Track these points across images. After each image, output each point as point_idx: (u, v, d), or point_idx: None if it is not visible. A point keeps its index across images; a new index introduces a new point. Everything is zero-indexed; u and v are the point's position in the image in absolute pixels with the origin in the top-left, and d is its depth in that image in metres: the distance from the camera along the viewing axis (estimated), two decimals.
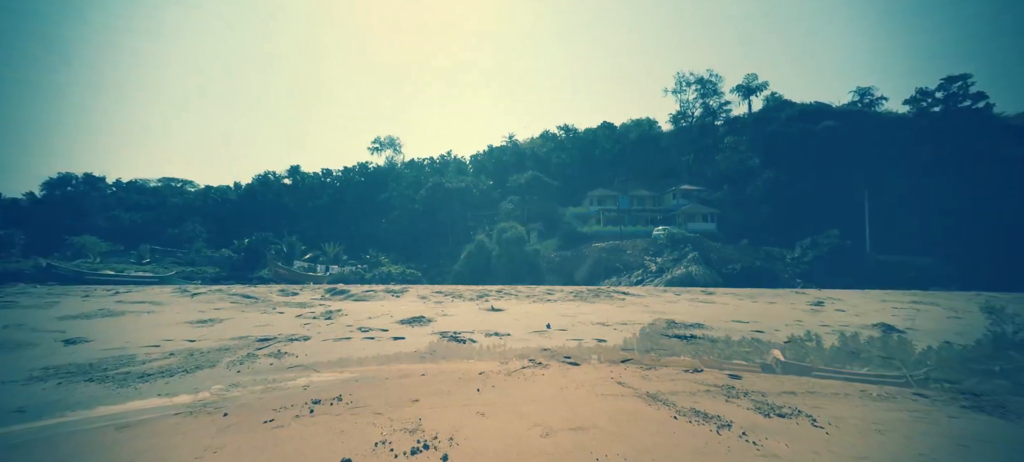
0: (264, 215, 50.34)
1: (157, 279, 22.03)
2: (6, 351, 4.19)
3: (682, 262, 25.45)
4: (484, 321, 6.40)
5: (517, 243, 29.35)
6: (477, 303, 8.53)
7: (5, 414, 2.69)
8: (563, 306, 8.37)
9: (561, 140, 57.09)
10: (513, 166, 50.26)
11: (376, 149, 64.34)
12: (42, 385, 3.25)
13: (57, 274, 19.91)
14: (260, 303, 7.88)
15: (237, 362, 3.90)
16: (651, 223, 40.34)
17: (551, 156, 52.82)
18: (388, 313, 6.90)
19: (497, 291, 10.85)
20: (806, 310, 8.47)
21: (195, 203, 54.70)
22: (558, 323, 6.29)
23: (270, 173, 58.88)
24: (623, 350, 4.79)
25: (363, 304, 8.17)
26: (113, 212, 49.66)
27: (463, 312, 7.24)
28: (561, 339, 5.23)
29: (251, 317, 6.28)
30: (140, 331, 5.21)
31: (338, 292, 10.24)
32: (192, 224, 45.97)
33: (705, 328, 6.18)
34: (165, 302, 7.60)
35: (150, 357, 4.03)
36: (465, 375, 3.73)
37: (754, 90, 52.82)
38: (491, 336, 5.25)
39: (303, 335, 5.11)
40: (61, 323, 5.55)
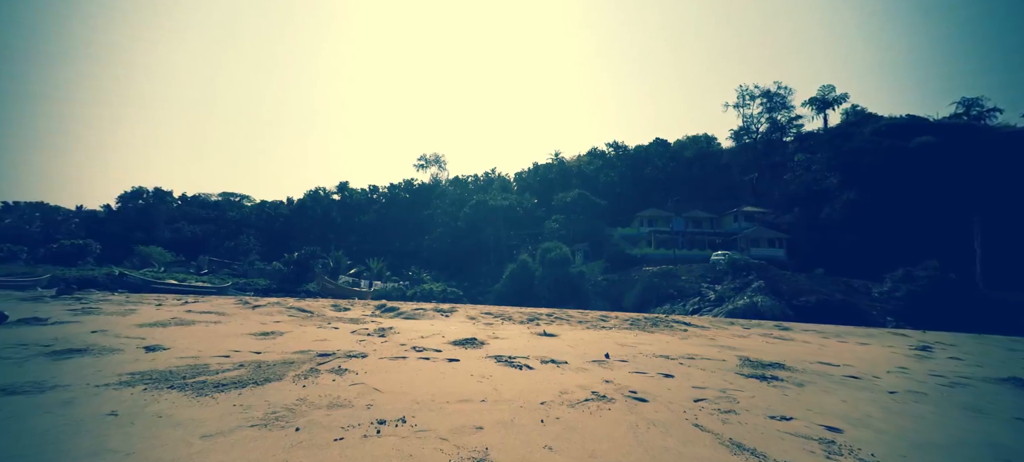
0: (313, 230, 54.04)
1: (215, 290, 24.07)
2: (96, 355, 4.70)
3: (745, 292, 23.86)
4: (537, 346, 6.32)
5: (561, 264, 29.05)
6: (527, 327, 8.47)
7: (101, 418, 2.98)
8: (619, 335, 8.09)
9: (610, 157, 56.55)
10: (558, 184, 50.35)
11: (421, 166, 67.24)
12: (130, 389, 3.58)
13: (127, 282, 22.37)
14: (315, 318, 8.34)
15: (302, 376, 4.10)
16: (709, 247, 38.41)
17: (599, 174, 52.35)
18: (439, 333, 7.02)
19: (547, 314, 10.72)
20: (909, 355, 7.55)
21: (250, 217, 59.84)
22: (617, 353, 6.07)
23: (320, 189, 63.39)
24: (694, 387, 4.51)
25: (414, 322, 8.38)
26: (177, 224, 55.47)
27: (514, 336, 7.20)
28: (623, 371, 5.02)
29: (309, 331, 6.65)
30: (210, 340, 5.67)
31: (388, 309, 10.61)
32: (247, 237, 50.29)
33: (788, 369, 5.68)
34: (229, 313, 8.25)
35: (222, 367, 4.34)
36: (526, 404, 3.67)
37: (831, 103, 49.48)
38: (547, 363, 5.15)
39: (360, 352, 5.30)
40: (140, 330, 6.17)
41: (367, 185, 64.08)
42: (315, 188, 63.77)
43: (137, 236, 47.36)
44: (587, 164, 56.45)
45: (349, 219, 57.99)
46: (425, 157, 67.51)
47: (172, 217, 57.00)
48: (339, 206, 61.17)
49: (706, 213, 44.81)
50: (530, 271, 30.68)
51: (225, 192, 68.72)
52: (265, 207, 62.54)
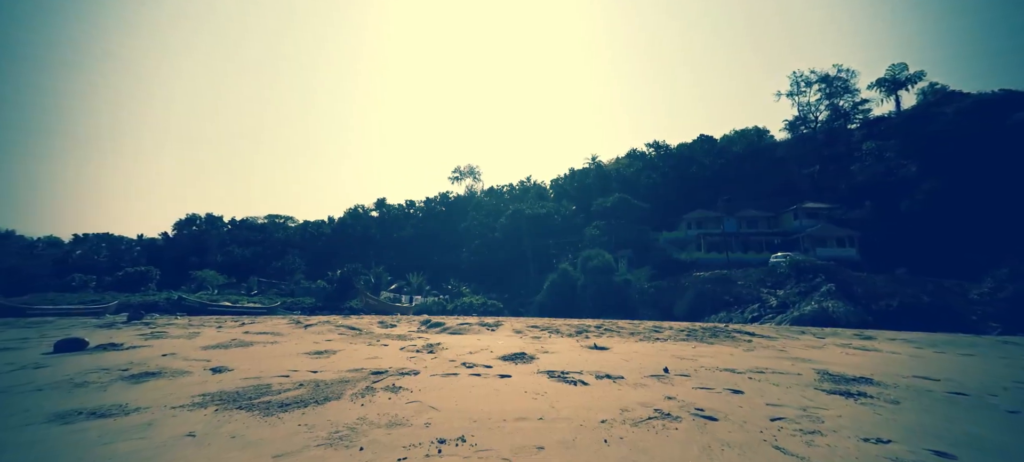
0: (354, 247, 56.56)
1: (265, 310, 25.66)
2: (169, 377, 5.12)
3: (813, 296, 22.32)
4: (589, 360, 6.21)
5: (605, 272, 28.52)
6: (576, 339, 8.36)
7: (180, 439, 3.23)
8: (676, 347, 7.79)
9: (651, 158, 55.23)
10: (597, 189, 49.69)
11: (456, 178, 68.85)
12: (203, 411, 3.87)
13: (185, 305, 24.30)
14: (364, 335, 8.68)
15: (359, 395, 4.27)
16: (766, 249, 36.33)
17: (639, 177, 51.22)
18: (487, 348, 7.08)
19: (596, 326, 10.52)
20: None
21: (294, 237, 63.55)
22: (676, 367, 5.84)
23: (359, 206, 66.42)
24: (769, 405, 4.24)
25: (460, 338, 8.52)
26: (228, 248, 59.85)
27: (564, 349, 7.13)
28: (686, 387, 4.82)
29: (360, 349, 6.92)
30: (269, 361, 6.03)
31: (433, 324, 10.86)
32: (292, 257, 53.34)
33: (877, 384, 5.22)
34: (283, 333, 8.77)
35: (283, 387, 4.60)
36: (586, 422, 3.61)
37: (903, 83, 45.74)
38: (602, 378, 5.05)
39: (412, 369, 5.45)
40: (205, 352, 6.67)
41: (404, 200, 66.44)
42: (354, 206, 66.94)
43: (192, 261, 51.63)
44: (626, 167, 55.41)
45: (387, 235, 60.18)
46: (459, 169, 69.16)
47: (223, 241, 61.69)
48: (377, 223, 63.69)
49: (761, 212, 42.47)
50: (571, 280, 30.36)
51: (271, 214, 73.49)
52: (308, 227, 66.27)
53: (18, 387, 4.44)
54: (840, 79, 48.25)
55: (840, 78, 48.31)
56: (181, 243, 59.09)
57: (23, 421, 3.42)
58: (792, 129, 51.51)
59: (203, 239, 60.31)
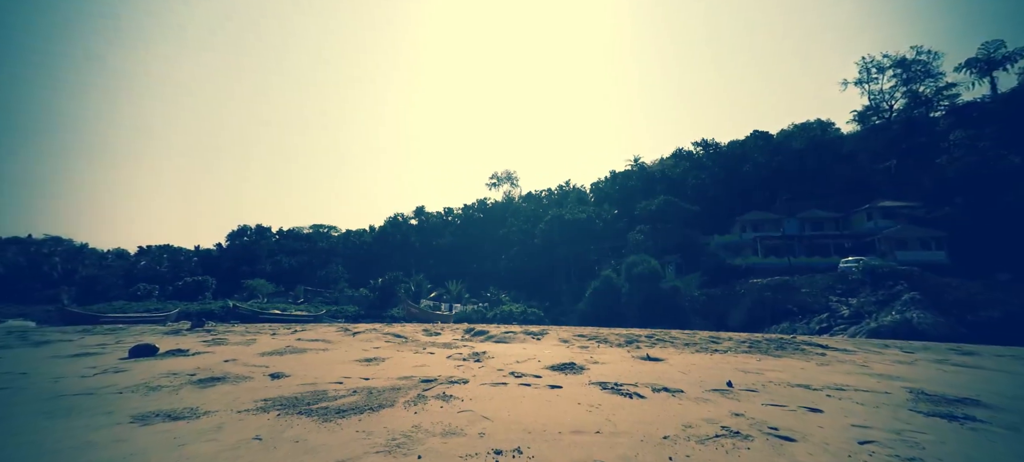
0: (394, 255, 58.47)
1: (312, 318, 27.01)
2: (232, 382, 5.48)
3: (893, 305, 20.54)
4: (642, 372, 6.03)
5: (651, 279, 27.70)
6: (627, 350, 8.14)
7: (249, 443, 3.43)
8: (738, 359, 7.39)
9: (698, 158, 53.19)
10: (641, 192, 48.49)
11: (494, 184, 69.60)
12: (266, 415, 4.09)
13: (238, 313, 25.98)
14: (410, 343, 8.94)
15: (411, 402, 4.37)
16: (834, 253, 33.84)
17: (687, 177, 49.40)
18: (534, 357, 7.06)
19: (646, 336, 10.21)
20: None
21: (338, 246, 66.60)
22: (741, 381, 5.54)
23: (399, 215, 68.68)
24: (855, 426, 3.92)
25: (506, 346, 8.56)
26: (276, 257, 63.56)
27: (615, 360, 6.97)
28: (754, 403, 4.55)
29: (407, 357, 7.12)
30: (322, 367, 6.32)
31: (477, 333, 11.00)
32: (336, 266, 55.92)
33: (987, 406, 4.68)
34: (333, 341, 9.20)
35: (338, 394, 4.80)
36: (647, 437, 3.50)
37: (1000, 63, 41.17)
38: (659, 391, 4.87)
39: (461, 378, 5.53)
40: (262, 359, 7.10)
41: (442, 208, 68.03)
42: (394, 214, 69.29)
43: (243, 270, 55.39)
44: (672, 167, 53.64)
45: (427, 243, 61.76)
46: (497, 175, 69.89)
47: (271, 251, 65.73)
48: (417, 231, 65.55)
49: (827, 213, 39.62)
50: (615, 288, 29.74)
51: (315, 224, 77.54)
52: (350, 236, 69.31)
53: (102, 389, 4.93)
54: (919, 62, 44.24)
55: (920, 61, 44.28)
56: (233, 253, 63.61)
57: (111, 421, 3.77)
58: (862, 120, 47.78)
59: (253, 249, 64.59)
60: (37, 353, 7.30)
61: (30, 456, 2.98)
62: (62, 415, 3.96)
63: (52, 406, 4.20)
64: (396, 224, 67.39)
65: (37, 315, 25.57)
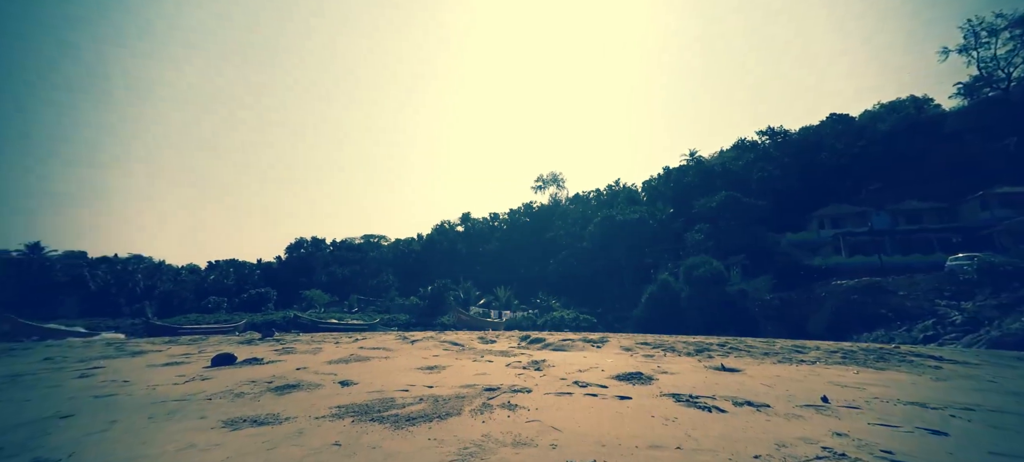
0: (442, 262, 60.09)
1: (367, 326, 28.33)
2: (306, 389, 5.85)
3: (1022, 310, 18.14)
4: (719, 383, 5.76)
5: (713, 282, 26.44)
6: (697, 359, 7.82)
7: (330, 448, 3.64)
8: (829, 371, 6.85)
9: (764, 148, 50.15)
10: (698, 188, 46.49)
11: (539, 187, 69.62)
12: (342, 421, 4.33)
13: (299, 323, 27.75)
14: (468, 351, 9.14)
15: (477, 411, 4.47)
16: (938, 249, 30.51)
17: (751, 170, 46.69)
18: (596, 366, 6.97)
19: (719, 344, 9.73)
20: None
21: (387, 255, 69.46)
22: (837, 396, 5.13)
23: (445, 222, 70.62)
24: (993, 454, 3.50)
25: (565, 354, 8.52)
26: (331, 268, 67.36)
27: (685, 370, 6.71)
28: (857, 422, 4.20)
29: (467, 365, 7.29)
30: (387, 375, 6.61)
31: (534, 341, 11.04)
32: (386, 275, 58.39)
33: None
34: (393, 349, 9.60)
35: (405, 401, 4.99)
36: (735, 456, 3.33)
37: None
38: (742, 405, 4.63)
39: (524, 387, 5.57)
40: (330, 366, 7.53)
41: (488, 213, 69.05)
42: (441, 222, 71.34)
43: (301, 281, 59.26)
44: (734, 160, 50.85)
45: (473, 249, 62.94)
46: (542, 177, 69.81)
47: (326, 262, 69.81)
48: (463, 237, 67.00)
49: (927, 203, 35.76)
50: (673, 292, 28.67)
51: (366, 235, 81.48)
52: (399, 245, 72.12)
53: (194, 396, 5.46)
54: None
55: None
56: (291, 265, 68.30)
57: (206, 425, 4.17)
58: (969, 93, 42.60)
59: (309, 261, 68.99)
60: (134, 362, 8.23)
61: (144, 455, 3.36)
62: (164, 418, 4.44)
63: (155, 410, 4.72)
64: (443, 231, 69.25)
65: (125, 328, 28.79)
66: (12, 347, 13.13)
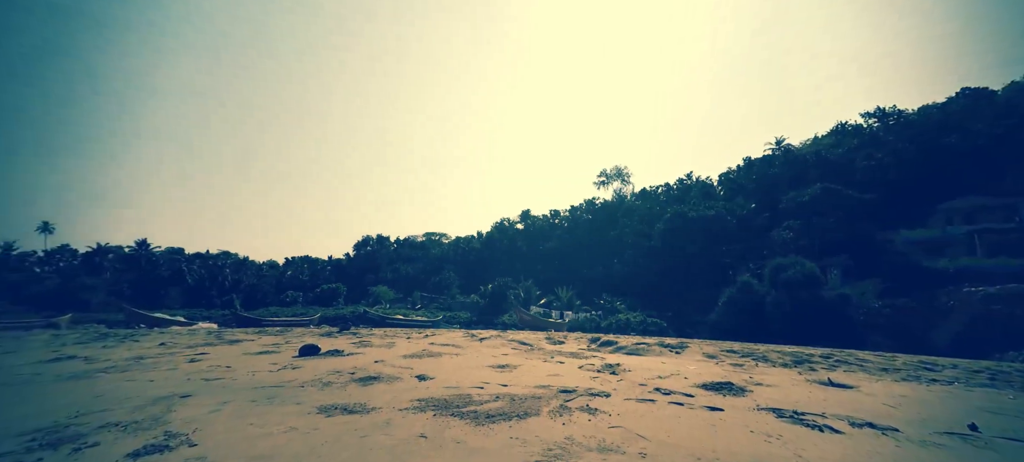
0: (501, 260, 61.06)
1: (430, 323, 29.51)
2: (386, 382, 6.22)
3: None
4: (828, 400, 5.30)
5: (806, 285, 24.36)
6: (796, 371, 7.24)
7: (416, 439, 3.85)
8: (973, 394, 6.02)
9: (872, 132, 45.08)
10: (786, 180, 42.94)
11: (602, 182, 68.32)
12: (423, 414, 4.56)
13: (368, 318, 29.51)
14: (537, 351, 9.25)
15: (556, 412, 4.50)
16: None
17: (854, 158, 42.14)
18: (677, 373, 6.72)
19: (822, 356, 8.92)
20: None
21: (448, 253, 71.81)
22: (990, 425, 4.50)
23: (505, 219, 71.66)
24: None
25: (641, 359, 8.32)
26: (395, 265, 70.93)
27: (783, 383, 6.26)
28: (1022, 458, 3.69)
29: (538, 365, 7.37)
30: (460, 372, 6.86)
31: (605, 343, 10.90)
32: (447, 272, 60.34)
33: None
34: (462, 346, 9.96)
35: (482, 399, 5.15)
36: None
37: None
38: (861, 426, 4.22)
39: (602, 391, 5.52)
40: (405, 360, 7.96)
41: (548, 210, 68.97)
42: (500, 220, 72.48)
43: (368, 278, 63.08)
44: (831, 147, 46.10)
45: (533, 247, 63.18)
46: (606, 172, 68.39)
47: (391, 259, 73.69)
48: (523, 235, 67.50)
49: None
50: (756, 296, 26.78)
51: (428, 232, 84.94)
52: (460, 243, 74.32)
53: (288, 383, 6.02)
54: None
55: None
56: (359, 262, 72.92)
57: (302, 410, 4.59)
58: None
59: (375, 258, 73.23)
60: (232, 350, 9.28)
61: (255, 435, 3.77)
62: (265, 402, 4.95)
63: (257, 395, 5.28)
64: (502, 229, 70.26)
65: (217, 318, 32.39)
66: (132, 333, 15.36)
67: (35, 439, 3.57)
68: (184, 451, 3.37)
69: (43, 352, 9.04)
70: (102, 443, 3.49)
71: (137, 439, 3.60)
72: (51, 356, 8.38)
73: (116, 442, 3.52)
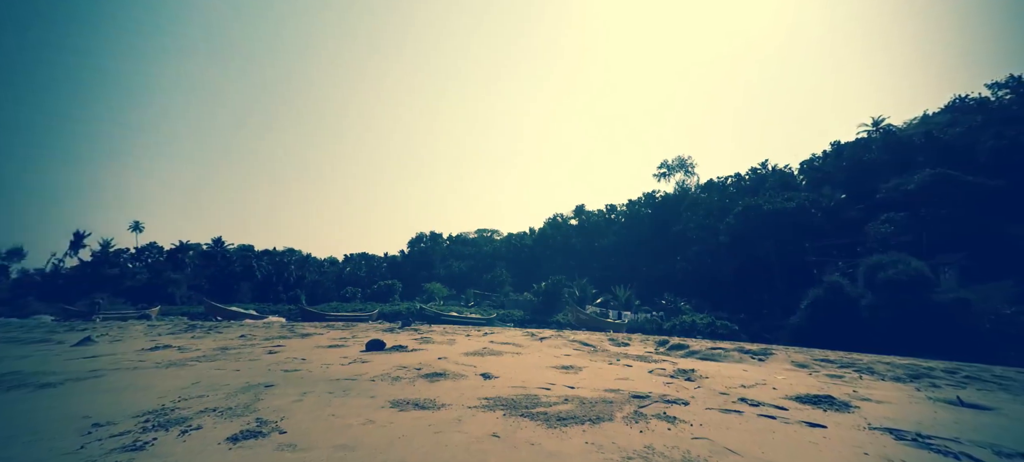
0: (555, 257, 60.84)
1: (485, 321, 30.02)
2: (453, 379, 6.41)
3: None
4: (959, 423, 4.77)
5: (912, 287, 22.12)
6: (915, 387, 6.54)
7: (487, 437, 3.93)
8: None
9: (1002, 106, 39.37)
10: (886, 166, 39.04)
11: (663, 174, 65.99)
12: (492, 413, 4.65)
13: (424, 315, 30.53)
14: (601, 352, 9.15)
15: (630, 418, 4.41)
16: None
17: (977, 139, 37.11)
18: (762, 382, 6.36)
19: (946, 371, 7.92)
20: None
21: (501, 250, 72.62)
22: None
23: (558, 215, 71.25)
24: None
25: (718, 365, 7.97)
26: (448, 262, 72.81)
27: (899, 399, 5.72)
28: None
29: (604, 368, 7.28)
30: (523, 372, 6.93)
31: (675, 346, 10.56)
32: (499, 270, 61.06)
33: None
34: (523, 345, 10.06)
35: (550, 400, 5.16)
36: None
37: None
38: (1010, 458, 3.77)
39: (678, 398, 5.35)
40: (467, 358, 8.16)
41: (603, 205, 67.64)
42: (553, 215, 72.13)
43: (422, 275, 65.33)
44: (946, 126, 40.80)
45: (588, 244, 62.31)
46: (667, 163, 65.83)
47: (444, 256, 75.78)
48: (577, 231, 66.78)
49: None
50: (848, 298, 24.64)
51: (480, 229, 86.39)
52: (512, 239, 74.94)
53: (359, 377, 6.38)
54: None
55: None
56: (413, 259, 75.73)
57: (376, 404, 4.84)
58: None
59: (428, 255, 75.70)
60: (305, 343, 10.00)
61: (337, 425, 4.03)
62: (341, 394, 5.28)
63: (333, 387, 5.65)
64: (556, 225, 69.89)
65: (283, 312, 35.02)
66: (215, 325, 17.01)
67: (148, 420, 4.04)
68: (276, 437, 3.67)
69: (143, 341, 10.25)
70: (204, 426, 3.89)
71: (233, 424, 3.97)
72: (150, 345, 9.48)
73: (215, 426, 3.91)
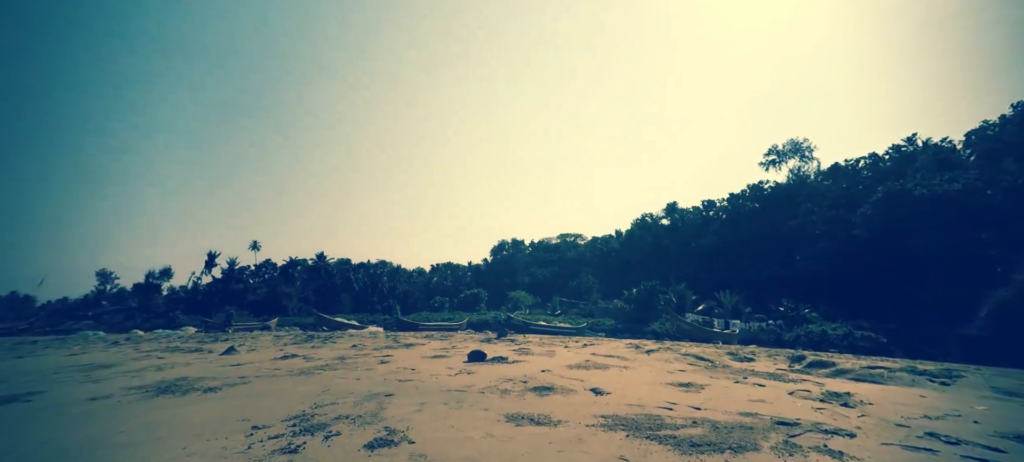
0: (645, 261, 58.44)
1: (575, 330, 29.69)
2: (562, 394, 6.37)
3: None
4: None
5: None
6: None
7: (613, 459, 3.79)
8: None
9: None
10: None
11: (772, 162, 60.67)
12: (614, 433, 4.50)
13: (512, 324, 30.92)
14: (720, 368, 8.56)
15: (780, 449, 4.02)
16: None
17: None
18: (954, 412, 5.44)
19: None
20: None
21: (585, 255, 71.59)
22: None
23: (647, 215, 68.52)
24: None
25: (880, 388, 7.02)
26: (531, 269, 73.32)
27: None
28: None
29: (729, 387, 6.78)
30: (635, 388, 6.69)
31: (814, 363, 9.55)
32: (586, 276, 60.06)
33: None
34: (628, 358, 9.77)
35: (674, 422, 4.90)
36: None
37: None
38: None
39: (839, 428, 4.78)
40: (572, 372, 8.08)
41: (700, 202, 63.67)
42: (642, 216, 69.46)
43: (505, 282, 66.53)
44: None
45: (682, 245, 58.97)
46: (776, 150, 60.08)
47: (527, 263, 76.47)
48: (669, 231, 63.63)
49: None
50: None
51: (562, 234, 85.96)
52: (597, 243, 73.51)
53: (468, 388, 6.60)
54: None
55: None
56: (496, 267, 77.39)
57: (491, 417, 4.95)
58: None
59: (511, 262, 76.89)
60: (411, 353, 10.63)
61: (458, 437, 4.17)
62: (455, 405, 5.48)
63: (446, 398, 5.89)
64: (645, 226, 67.19)
65: (380, 322, 37.58)
66: (330, 335, 18.76)
67: (295, 425, 4.51)
68: (406, 447, 3.88)
69: (273, 350, 11.57)
70: (342, 433, 4.24)
71: (366, 432, 4.28)
72: (280, 354, 10.69)
73: (352, 434, 4.24)
